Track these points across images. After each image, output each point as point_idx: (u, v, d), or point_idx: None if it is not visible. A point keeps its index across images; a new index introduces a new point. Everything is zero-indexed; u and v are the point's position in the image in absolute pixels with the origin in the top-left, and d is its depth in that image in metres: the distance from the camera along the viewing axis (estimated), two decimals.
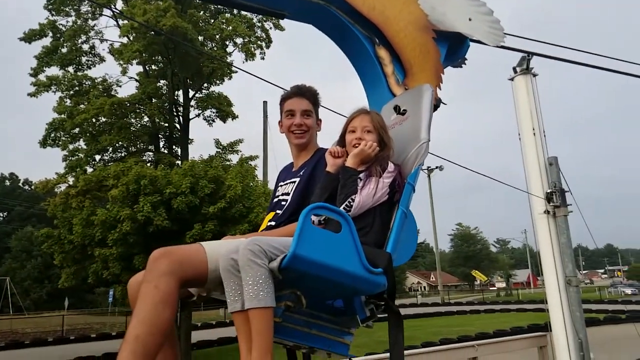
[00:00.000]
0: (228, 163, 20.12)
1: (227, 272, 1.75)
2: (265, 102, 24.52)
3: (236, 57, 22.11)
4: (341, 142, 2.27)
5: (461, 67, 3.03)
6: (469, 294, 71.62)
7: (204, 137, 23.77)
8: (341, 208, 1.95)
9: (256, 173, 19.56)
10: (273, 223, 2.30)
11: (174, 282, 1.75)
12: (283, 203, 2.33)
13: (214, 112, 21.72)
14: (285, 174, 2.54)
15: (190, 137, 21.49)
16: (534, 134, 5.60)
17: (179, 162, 19.80)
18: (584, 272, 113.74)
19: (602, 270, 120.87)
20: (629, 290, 56.78)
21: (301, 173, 2.36)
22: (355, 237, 1.78)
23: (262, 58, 21.27)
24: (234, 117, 21.65)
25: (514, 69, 5.81)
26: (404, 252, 2.23)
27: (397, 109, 2.47)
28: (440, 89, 2.61)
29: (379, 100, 2.61)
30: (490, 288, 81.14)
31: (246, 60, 20.85)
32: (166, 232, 15.45)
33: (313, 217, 1.89)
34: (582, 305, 5.10)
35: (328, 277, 1.73)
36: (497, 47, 2.94)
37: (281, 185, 2.47)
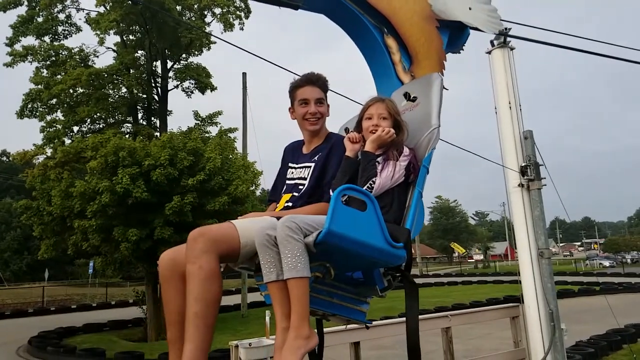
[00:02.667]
0: (207, 135, 19.95)
1: (263, 247, 1.92)
2: (244, 74, 24.11)
3: (215, 28, 21.54)
4: (358, 128, 2.43)
5: (459, 53, 3.15)
6: (447, 266, 73.02)
7: (182, 109, 23.39)
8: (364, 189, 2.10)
9: (235, 145, 19.47)
10: (290, 204, 2.44)
11: (213, 258, 1.93)
12: (300, 187, 2.46)
13: (192, 84, 21.41)
14: (296, 155, 2.64)
15: (168, 108, 21.22)
16: (510, 107, 5.58)
17: (158, 133, 19.59)
18: (562, 244, 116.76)
19: (578, 243, 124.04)
20: (606, 263, 58.47)
21: (315, 158, 2.49)
22: (379, 215, 1.97)
23: (241, 29, 20.88)
24: (213, 88, 21.34)
25: (492, 42, 5.74)
26: (416, 228, 2.40)
27: (407, 95, 2.58)
28: (443, 75, 2.69)
29: (388, 87, 2.75)
30: (469, 260, 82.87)
31: (225, 31, 20.43)
32: (145, 204, 15.40)
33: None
34: (559, 277, 5.18)
35: (356, 250, 1.92)
36: (495, 34, 3.09)
37: (294, 168, 2.58)
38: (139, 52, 21.04)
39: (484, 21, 2.95)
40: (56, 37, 20.05)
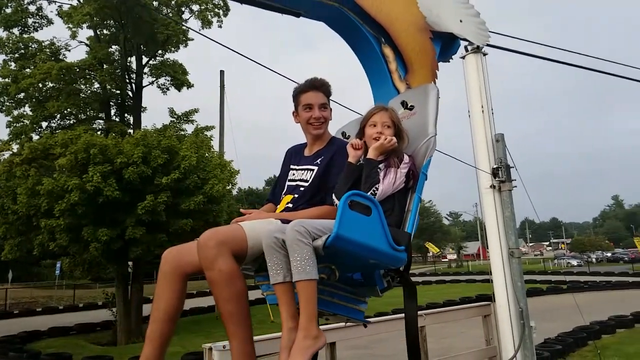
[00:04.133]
0: (183, 133, 19.74)
1: (271, 249, 1.98)
2: (222, 72, 23.92)
3: (192, 25, 21.32)
4: (360, 134, 2.51)
5: (448, 62, 3.30)
6: (421, 266, 73.94)
7: (157, 106, 23.05)
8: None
9: (212, 144, 19.31)
10: (291, 205, 2.49)
11: (229, 258, 2.00)
12: (302, 188, 2.52)
13: (168, 80, 21.13)
14: (298, 157, 2.70)
15: (143, 105, 20.90)
16: (483, 111, 5.68)
17: (131, 131, 19.23)
18: (531, 244, 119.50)
19: (547, 243, 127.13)
20: (574, 262, 60.10)
21: (318, 161, 2.55)
22: (383, 219, 2.06)
23: (220, 26, 20.69)
24: (189, 85, 21.11)
25: (466, 47, 5.85)
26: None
27: (404, 104, 2.68)
28: (435, 84, 2.83)
29: (384, 94, 2.86)
30: (442, 260, 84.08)
31: (202, 28, 20.20)
32: (116, 203, 15.10)
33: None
34: (528, 276, 5.31)
35: (361, 253, 2.01)
36: (483, 45, 3.20)
37: (296, 169, 2.64)
38: (113, 47, 20.66)
39: (473, 33, 3.14)
40: (26, 29, 19.52)
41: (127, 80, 20.52)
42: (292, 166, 2.70)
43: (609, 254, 72.49)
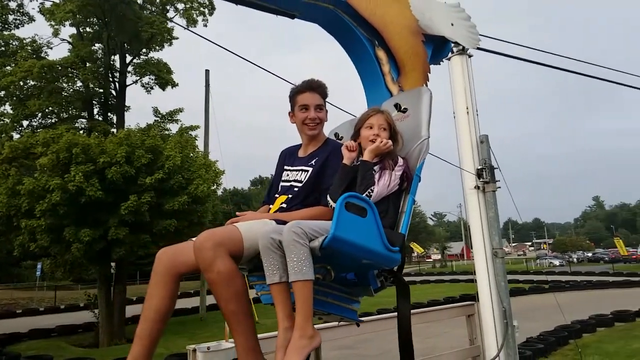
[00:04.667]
0: (167, 132, 19.56)
1: (267, 250, 2.00)
2: (207, 71, 23.72)
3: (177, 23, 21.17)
4: (356, 136, 2.54)
5: (439, 64, 3.35)
6: (406, 266, 73.46)
7: (141, 105, 22.80)
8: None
9: (197, 143, 19.17)
10: (285, 205, 2.51)
11: (227, 259, 2.02)
12: (295, 189, 2.54)
13: (152, 79, 20.91)
14: (292, 159, 2.73)
15: (126, 104, 20.65)
16: (468, 112, 5.73)
17: (114, 130, 19.01)
18: (514, 244, 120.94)
19: (529, 243, 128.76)
20: (556, 262, 60.99)
21: (312, 162, 2.57)
22: (378, 221, 2.09)
23: (205, 25, 20.57)
24: (174, 84, 20.93)
25: (451, 49, 5.90)
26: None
27: (397, 106, 2.70)
28: (427, 86, 2.87)
29: (377, 96, 2.89)
30: (427, 260, 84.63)
31: (188, 27, 20.05)
32: (99, 203, 14.91)
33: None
34: (510, 276, 5.36)
35: (357, 254, 2.04)
36: (473, 48, 3.23)
37: (290, 170, 2.67)
38: (96, 45, 20.40)
39: (464, 36, 3.18)
40: (6, 26, 19.23)
41: (111, 79, 20.27)
42: (286, 167, 2.72)
43: (589, 254, 73.68)
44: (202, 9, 20.23)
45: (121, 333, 17.11)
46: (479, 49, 5.44)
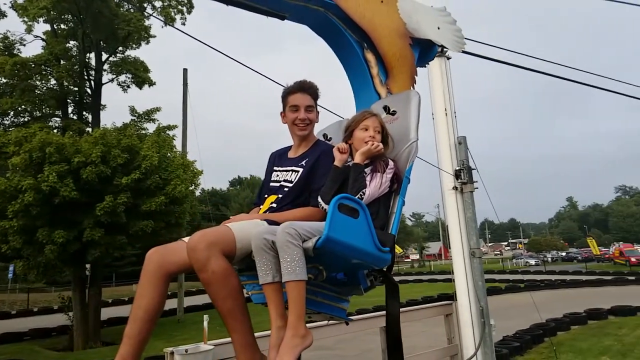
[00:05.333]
0: (144, 132, 19.23)
1: (260, 250, 2.03)
2: (185, 70, 23.53)
3: (154, 22, 20.87)
4: (349, 137, 2.58)
5: (424, 67, 3.40)
6: None
7: (117, 104, 22.43)
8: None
9: (174, 143, 18.90)
10: (275, 205, 2.54)
11: (220, 258, 2.04)
12: (285, 189, 2.57)
13: (129, 78, 20.56)
14: (282, 160, 2.76)
15: (102, 103, 20.26)
16: (446, 114, 5.79)
17: (90, 129, 18.66)
18: (490, 244, 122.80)
19: (505, 243, 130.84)
20: (532, 262, 62.12)
21: (303, 163, 2.60)
22: (369, 222, 2.14)
23: (183, 24, 20.34)
24: (151, 83, 20.62)
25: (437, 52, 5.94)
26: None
27: (386, 109, 2.76)
28: (414, 89, 2.93)
29: (366, 98, 2.94)
30: (405, 260, 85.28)
31: (165, 25, 19.79)
32: (74, 203, 14.61)
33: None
34: (487, 275, 5.43)
35: (349, 254, 2.09)
36: (459, 52, 3.36)
37: (279, 171, 2.69)
38: (71, 42, 19.96)
39: (450, 40, 3.20)
40: None
41: (86, 77, 19.89)
42: (276, 168, 2.74)
43: (563, 254, 75.20)
44: (180, 7, 20.00)
45: (96, 336, 16.81)
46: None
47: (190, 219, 20.61)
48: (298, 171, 2.59)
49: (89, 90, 19.91)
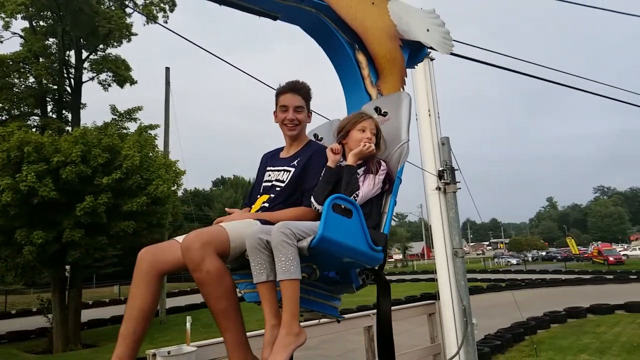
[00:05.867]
0: (125, 131, 18.96)
1: (255, 249, 2.06)
2: (167, 69, 23.29)
3: (136, 19, 20.66)
4: (344, 136, 2.61)
5: (413, 68, 3.48)
6: None
7: (98, 103, 22.09)
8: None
9: (156, 143, 18.72)
10: (267, 205, 2.55)
11: (214, 258, 2.06)
12: (277, 188, 2.58)
13: (110, 76, 20.29)
14: (274, 160, 2.78)
15: (82, 101, 19.94)
16: (430, 115, 5.83)
17: (69, 128, 18.39)
18: (472, 244, 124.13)
19: (487, 243, 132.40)
20: (514, 261, 62.98)
21: (295, 163, 2.62)
22: (363, 222, 2.18)
23: (165, 21, 20.12)
24: (133, 82, 20.36)
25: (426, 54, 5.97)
26: None
27: (378, 110, 2.78)
28: (404, 90, 2.98)
29: (357, 99, 2.97)
30: (389, 260, 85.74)
31: (147, 23, 19.60)
32: (53, 204, 14.39)
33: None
34: (469, 274, 5.48)
35: (343, 253, 2.13)
36: (447, 54, 3.37)
37: (272, 170, 2.71)
38: (51, 39, 19.64)
39: (438, 42, 3.24)
40: None
41: (65, 75, 19.58)
42: (268, 168, 2.76)
43: (543, 253, 76.40)
44: (162, 4, 19.80)
45: (77, 338, 16.58)
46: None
47: (172, 220, 20.42)
48: (290, 171, 2.61)
49: (68, 89, 19.61)
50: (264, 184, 2.70)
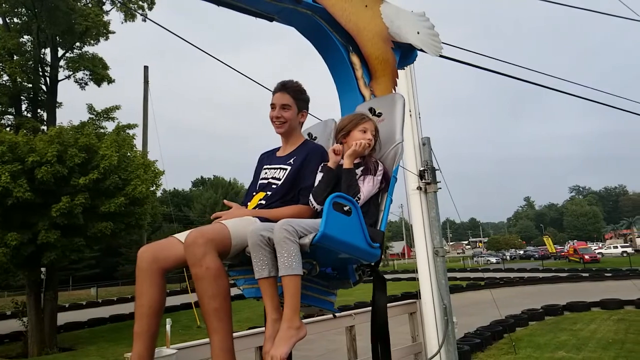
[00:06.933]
0: (102, 131, 18.63)
1: (257, 246, 2.11)
2: (146, 67, 22.93)
3: (114, 17, 20.33)
4: (345, 136, 2.65)
5: (404, 69, 3.57)
6: None
7: (74, 102, 21.65)
8: None
9: (135, 142, 18.43)
10: (264, 202, 2.60)
11: (216, 257, 2.09)
12: (274, 186, 2.64)
13: (87, 75, 19.87)
14: (270, 158, 2.85)
15: (58, 100, 19.52)
16: (411, 115, 5.85)
17: (45, 127, 17.99)
18: (451, 243, 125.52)
19: (466, 242, 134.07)
20: (494, 259, 63.88)
21: (291, 161, 2.68)
22: (362, 220, 2.25)
23: (144, 20, 19.82)
24: (110, 81, 20.01)
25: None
26: None
27: (372, 110, 2.84)
28: (395, 91, 3.08)
29: (351, 99, 3.03)
30: None
31: (125, 21, 19.28)
32: (28, 204, 14.07)
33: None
34: (449, 273, 5.53)
35: (343, 250, 2.20)
36: (437, 56, 3.44)
37: (268, 168, 2.77)
38: (25, 37, 19.18)
39: (428, 44, 3.32)
40: None
41: (41, 73, 19.16)
42: (265, 166, 2.82)
43: (521, 252, 77.70)
44: (141, 2, 19.51)
45: (52, 342, 16.24)
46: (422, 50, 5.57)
47: (151, 221, 20.14)
48: (286, 169, 2.67)
49: (44, 87, 19.20)
50: (260, 181, 2.75)
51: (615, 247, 62.53)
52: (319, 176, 2.59)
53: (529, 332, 13.68)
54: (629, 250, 58.56)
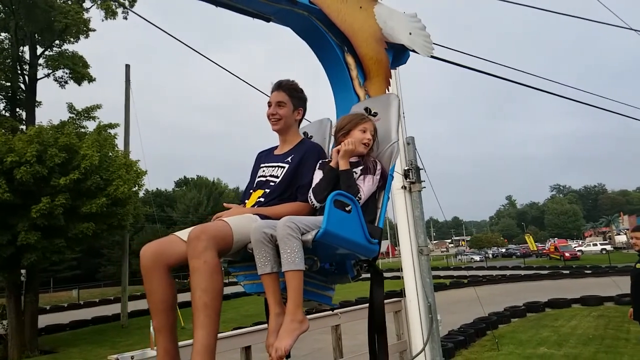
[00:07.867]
0: (83, 130, 18.36)
1: (260, 243, 2.16)
2: (127, 66, 22.67)
3: (94, 15, 20.03)
4: (345, 135, 2.67)
5: (395, 69, 3.62)
6: None
7: (54, 101, 21.27)
8: None
9: (116, 142, 18.22)
10: (262, 200, 2.65)
11: (215, 254, 2.12)
12: (272, 184, 2.69)
13: (67, 73, 19.57)
14: (268, 157, 2.88)
15: (37, 99, 19.16)
16: None
17: (24, 127, 17.64)
18: (435, 242, 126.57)
19: (449, 240, 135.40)
20: (477, 258, 64.54)
21: (288, 159, 2.73)
22: (361, 217, 2.33)
23: (125, 18, 19.57)
24: (91, 79, 19.72)
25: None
26: None
27: (367, 110, 2.88)
28: (389, 91, 3.14)
29: (346, 99, 3.07)
30: None
31: (106, 19, 19.00)
32: (7, 205, 13.82)
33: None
34: (432, 272, 5.57)
35: (343, 246, 2.27)
36: (428, 57, 3.50)
37: (266, 167, 2.81)
38: (3, 34, 18.80)
39: (420, 45, 3.37)
40: None
41: (19, 72, 18.81)
42: (262, 164, 2.86)
43: (503, 250, 78.70)
44: (122, 0, 19.27)
45: (33, 345, 15.97)
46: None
47: (133, 221, 19.91)
48: (284, 167, 2.72)
49: (22, 86, 18.85)
50: (258, 179, 2.80)
51: (595, 245, 63.68)
52: (317, 174, 2.64)
53: (511, 329, 13.87)
54: (608, 247, 59.68)
